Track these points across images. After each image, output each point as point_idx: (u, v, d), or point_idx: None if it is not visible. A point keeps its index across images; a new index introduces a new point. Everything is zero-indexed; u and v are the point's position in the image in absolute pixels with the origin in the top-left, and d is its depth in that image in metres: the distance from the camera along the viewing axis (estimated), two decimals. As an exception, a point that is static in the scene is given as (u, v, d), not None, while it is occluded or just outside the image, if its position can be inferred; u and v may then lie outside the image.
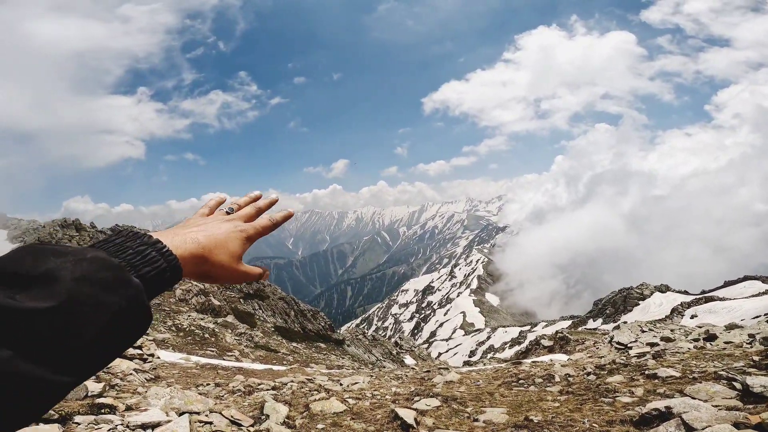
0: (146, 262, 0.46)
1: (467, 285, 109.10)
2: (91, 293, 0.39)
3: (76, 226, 24.71)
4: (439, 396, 4.92)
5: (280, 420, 3.92)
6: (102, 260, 0.42)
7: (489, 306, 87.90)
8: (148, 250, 0.47)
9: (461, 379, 6.37)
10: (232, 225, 0.61)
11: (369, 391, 5.60)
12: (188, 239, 0.54)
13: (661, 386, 4.23)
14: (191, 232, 0.56)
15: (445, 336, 68.26)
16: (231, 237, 0.59)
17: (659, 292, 38.14)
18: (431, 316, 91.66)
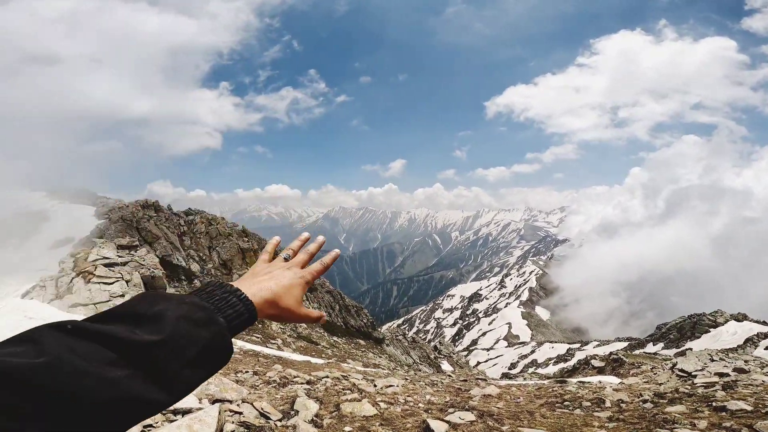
0: (229, 305, 0.60)
1: (517, 296, 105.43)
2: (188, 329, 0.52)
3: (155, 207, 26.45)
4: (474, 410, 4.61)
5: (309, 418, 3.87)
6: (196, 304, 0.57)
7: (538, 319, 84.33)
8: (230, 297, 0.61)
9: (500, 394, 5.98)
10: (293, 273, 0.75)
11: (402, 396, 5.37)
12: (263, 287, 0.68)
13: (728, 420, 3.74)
14: (264, 280, 0.70)
15: (487, 345, 66.33)
16: (294, 284, 0.72)
17: (735, 320, 34.55)
18: (475, 323, 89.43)
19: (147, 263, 19.01)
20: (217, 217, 29.46)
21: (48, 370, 0.41)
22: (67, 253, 19.46)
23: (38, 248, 22.33)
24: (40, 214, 26.51)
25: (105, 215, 24.23)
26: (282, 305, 0.69)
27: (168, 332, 0.50)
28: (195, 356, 0.51)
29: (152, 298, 0.55)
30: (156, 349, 0.48)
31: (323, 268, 0.81)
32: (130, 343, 0.46)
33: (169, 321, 0.51)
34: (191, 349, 0.51)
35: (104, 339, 0.46)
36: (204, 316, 0.55)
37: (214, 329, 0.55)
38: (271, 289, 0.68)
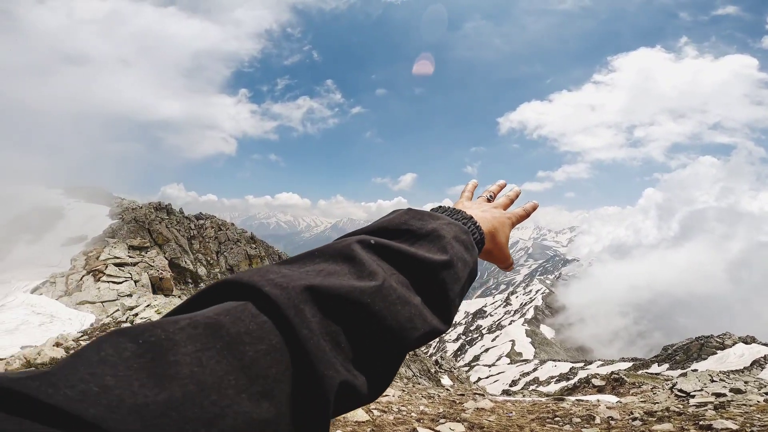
0: (471, 231, 0.57)
1: (522, 314, 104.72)
2: (461, 252, 0.48)
3: (168, 209, 27.01)
4: (465, 422, 4.77)
5: None
6: (460, 227, 0.54)
7: (542, 338, 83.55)
8: (469, 223, 0.59)
9: (494, 408, 6.14)
10: (501, 212, 0.72)
11: (396, 406, 5.49)
12: (485, 218, 0.65)
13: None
14: (481, 212, 0.67)
15: (489, 362, 65.75)
16: (505, 222, 0.69)
17: (743, 343, 34.17)
18: (478, 339, 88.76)
19: (156, 265, 19.47)
20: (226, 223, 29.98)
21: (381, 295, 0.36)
22: (80, 251, 20.02)
23: (52, 245, 22.89)
24: (56, 211, 27.14)
25: (118, 215, 24.80)
26: (497, 240, 0.66)
27: (451, 253, 0.46)
28: (465, 281, 0.48)
29: (420, 213, 0.52)
30: (444, 271, 0.44)
31: (525, 214, 0.78)
32: (426, 264, 0.43)
33: (448, 240, 0.48)
34: (464, 273, 0.48)
35: (403, 258, 0.42)
36: (468, 239, 0.53)
37: (475, 255, 0.53)
38: (491, 222, 0.65)
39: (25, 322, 10.78)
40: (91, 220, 24.90)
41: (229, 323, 0.28)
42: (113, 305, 13.58)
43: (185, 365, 0.24)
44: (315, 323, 0.31)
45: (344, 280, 0.36)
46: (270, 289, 0.31)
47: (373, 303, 0.35)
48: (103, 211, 26.65)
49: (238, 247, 27.79)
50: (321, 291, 0.33)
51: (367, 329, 0.35)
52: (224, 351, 0.26)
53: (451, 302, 0.45)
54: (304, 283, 0.33)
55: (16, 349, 7.41)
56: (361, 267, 0.38)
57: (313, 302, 0.32)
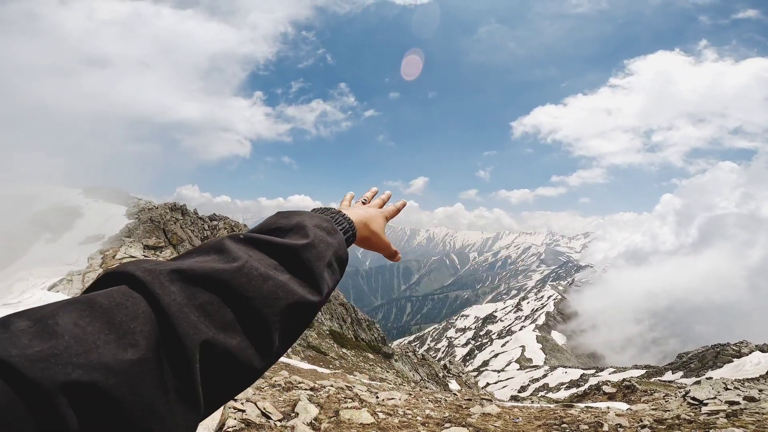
0: (338, 222, 0.69)
1: (533, 320, 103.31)
2: (323, 236, 0.59)
3: (182, 210, 27.42)
4: (471, 426, 4.78)
5: (308, 420, 3.99)
6: (322, 217, 0.66)
7: (553, 344, 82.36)
8: (337, 216, 0.70)
9: (500, 414, 6.05)
10: (375, 209, 0.85)
11: (402, 409, 5.49)
12: (356, 213, 0.78)
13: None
14: (355, 209, 0.81)
15: (498, 367, 65.03)
16: (378, 214, 0.84)
17: (760, 351, 33.39)
18: (487, 345, 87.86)
19: (170, 264, 19.84)
20: (239, 224, 30.32)
21: (241, 273, 0.44)
22: (97, 249, 20.51)
23: (69, 243, 23.40)
24: (74, 210, 27.74)
25: (135, 215, 25.24)
26: (372, 228, 0.79)
27: (311, 237, 0.56)
28: (330, 260, 0.57)
29: (287, 213, 0.63)
30: (306, 252, 0.53)
31: (396, 210, 0.93)
32: (288, 247, 0.52)
33: (309, 228, 0.58)
34: (328, 252, 0.57)
35: (269, 246, 0.52)
36: (330, 226, 0.63)
37: (339, 238, 0.63)
38: (362, 215, 0.78)
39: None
40: (109, 220, 25.38)
41: (103, 299, 0.35)
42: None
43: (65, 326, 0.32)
44: (178, 295, 0.38)
45: (210, 264, 0.44)
46: (140, 273, 0.38)
47: (233, 279, 0.43)
48: (120, 211, 27.14)
49: (250, 249, 28.03)
50: (185, 272, 0.41)
51: (231, 301, 0.42)
52: (97, 316, 0.33)
53: (318, 276, 0.53)
54: (171, 267, 0.41)
55: None
56: (228, 254, 0.47)
57: (179, 281, 0.40)
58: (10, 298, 14.23)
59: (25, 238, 23.85)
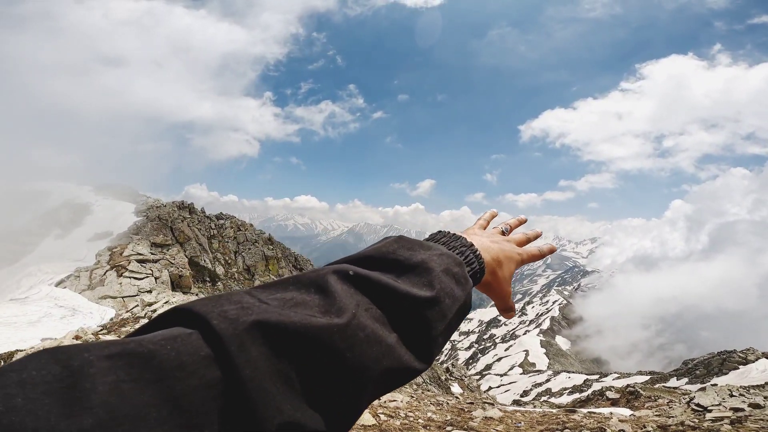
0: (468, 262, 0.53)
1: (537, 324, 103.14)
2: (451, 287, 0.44)
3: (190, 209, 27.78)
4: (473, 430, 4.78)
5: None
6: (454, 257, 0.49)
7: (557, 349, 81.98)
8: (467, 251, 0.54)
9: (502, 418, 6.11)
10: (513, 246, 0.66)
11: (404, 411, 5.46)
12: (490, 248, 0.60)
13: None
14: (490, 242, 0.62)
15: (501, 371, 64.79)
16: (513, 258, 0.64)
17: (767, 358, 33.23)
18: (491, 348, 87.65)
19: (177, 262, 20.08)
20: (245, 223, 30.60)
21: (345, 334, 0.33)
22: (105, 246, 20.78)
23: (79, 240, 23.74)
24: (84, 208, 28.16)
25: (143, 213, 25.56)
26: (499, 275, 0.61)
27: (436, 288, 0.43)
28: (452, 319, 0.44)
29: (409, 243, 0.48)
30: (428, 309, 0.41)
31: (539, 255, 0.71)
32: (408, 300, 0.40)
33: (436, 273, 0.44)
34: (453, 308, 0.44)
35: (384, 293, 0.39)
36: (461, 272, 0.48)
37: (467, 288, 0.48)
38: (497, 253, 0.60)
39: (47, 315, 11.25)
40: (118, 217, 25.72)
41: (164, 354, 0.27)
42: (133, 300, 14.12)
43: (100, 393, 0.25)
44: (261, 359, 0.29)
45: (306, 315, 0.33)
46: (218, 323, 0.29)
47: (334, 342, 0.33)
48: (129, 209, 27.51)
49: (256, 248, 28.31)
50: (273, 326, 0.31)
51: (324, 368, 0.32)
52: (150, 382, 0.26)
53: (432, 341, 0.41)
54: (257, 317, 0.31)
55: (36, 342, 7.75)
56: (332, 300, 0.36)
57: (262, 338, 0.30)
58: (18, 293, 14.47)
59: (35, 233, 24.24)
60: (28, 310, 11.33)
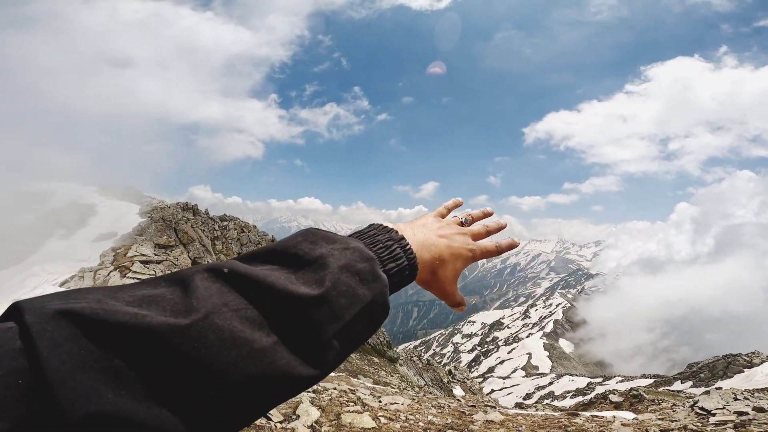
0: (392, 257, 0.48)
1: (540, 327, 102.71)
2: (348, 285, 0.41)
3: (194, 210, 27.78)
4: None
5: (308, 423, 4.01)
6: (362, 251, 0.45)
7: (560, 352, 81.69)
8: (394, 246, 0.49)
9: (503, 421, 6.07)
10: (465, 240, 0.60)
11: (404, 414, 5.49)
12: (430, 243, 0.55)
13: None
14: (434, 235, 0.57)
15: (503, 374, 64.74)
16: (462, 254, 0.58)
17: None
18: (494, 351, 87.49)
19: (180, 264, 20.13)
20: (249, 225, 30.61)
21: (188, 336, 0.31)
22: (109, 247, 20.87)
23: (83, 240, 23.85)
24: (89, 208, 28.27)
25: (147, 214, 25.61)
26: (440, 273, 0.56)
27: (327, 286, 0.40)
28: (350, 320, 0.40)
29: (314, 236, 0.45)
30: (313, 309, 0.38)
31: (495, 251, 0.65)
32: (286, 298, 0.37)
33: (331, 269, 0.41)
34: (351, 309, 0.40)
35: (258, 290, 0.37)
36: (368, 268, 0.44)
37: (377, 287, 0.44)
38: (438, 249, 0.55)
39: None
40: (122, 218, 25.79)
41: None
42: (137, 301, 14.13)
43: None
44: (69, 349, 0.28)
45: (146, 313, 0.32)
46: (29, 315, 0.29)
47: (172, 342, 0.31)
48: (133, 210, 27.59)
49: (259, 249, 28.33)
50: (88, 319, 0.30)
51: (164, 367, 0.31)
52: None
53: (323, 344, 0.38)
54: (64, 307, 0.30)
55: None
56: (188, 299, 0.34)
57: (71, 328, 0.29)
58: (22, 293, 14.55)
59: (39, 233, 24.37)
60: (31, 310, 11.36)
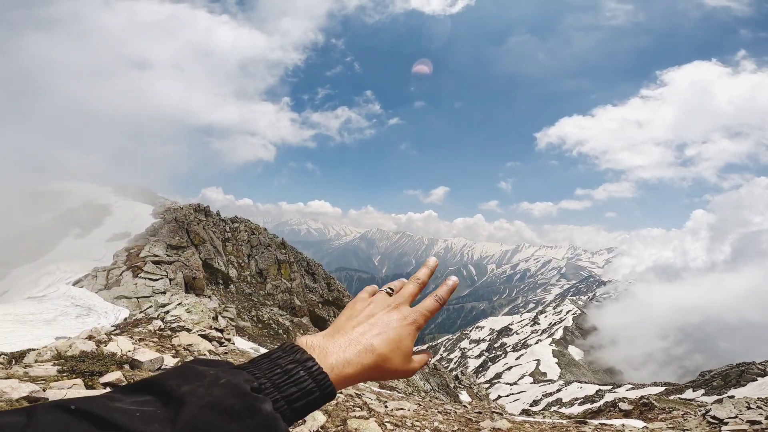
0: (293, 381, 0.45)
1: (550, 334, 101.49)
2: (212, 422, 0.40)
3: (205, 211, 28.26)
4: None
5: (315, 428, 4.03)
6: (234, 386, 0.42)
7: (569, 359, 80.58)
8: (296, 369, 0.45)
9: (511, 429, 6.03)
10: (400, 315, 0.53)
11: (410, 420, 5.52)
12: (359, 350, 0.48)
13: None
14: (363, 335, 0.49)
15: (511, 380, 63.95)
16: (403, 334, 0.51)
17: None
18: (501, 357, 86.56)
19: (191, 264, 20.40)
20: (259, 227, 30.96)
21: None
22: (123, 247, 21.23)
23: (97, 240, 24.30)
24: (104, 208, 28.86)
25: (160, 215, 26.06)
26: (388, 367, 0.49)
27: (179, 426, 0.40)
28: None
29: (185, 373, 0.43)
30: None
31: (439, 304, 0.57)
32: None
33: (190, 409, 0.41)
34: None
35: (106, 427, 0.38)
36: (239, 404, 0.42)
37: (253, 422, 0.42)
38: (374, 350, 0.48)
39: (63, 313, 11.49)
40: (136, 219, 26.28)
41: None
42: (147, 301, 14.38)
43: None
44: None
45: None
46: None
47: None
48: (147, 210, 28.13)
49: (269, 252, 28.58)
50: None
51: None
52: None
53: None
54: None
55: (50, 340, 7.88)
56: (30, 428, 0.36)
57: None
58: (36, 291, 14.85)
59: (55, 232, 24.88)
60: (44, 308, 11.60)
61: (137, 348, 4.81)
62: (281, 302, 24.71)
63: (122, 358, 4.35)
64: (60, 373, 3.43)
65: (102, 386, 3.21)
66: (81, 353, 4.20)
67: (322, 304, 29.65)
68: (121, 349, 4.57)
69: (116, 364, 4.09)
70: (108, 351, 4.45)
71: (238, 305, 20.00)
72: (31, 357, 4.07)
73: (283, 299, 25.07)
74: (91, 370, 3.51)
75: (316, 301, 29.45)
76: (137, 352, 4.53)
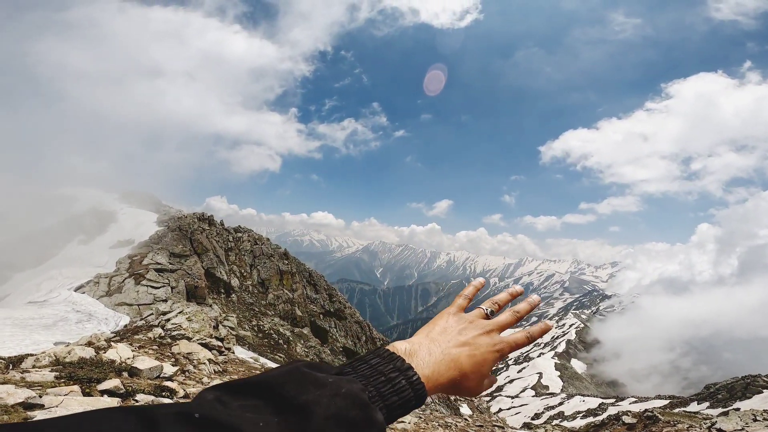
0: (395, 391, 0.46)
1: (553, 347, 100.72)
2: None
3: (209, 221, 28.38)
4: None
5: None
6: (354, 396, 0.43)
7: (572, 372, 79.79)
8: (398, 378, 0.46)
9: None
10: (490, 341, 0.53)
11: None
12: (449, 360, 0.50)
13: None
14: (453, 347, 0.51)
15: (512, 393, 63.34)
16: (488, 359, 0.52)
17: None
18: (503, 370, 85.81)
19: (193, 273, 20.43)
20: (262, 237, 31.01)
21: None
22: (126, 254, 21.30)
23: (101, 246, 24.38)
24: (110, 215, 29.01)
25: (164, 223, 26.18)
26: (465, 385, 0.50)
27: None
28: None
29: (303, 379, 0.42)
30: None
31: (528, 341, 0.56)
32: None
33: (316, 420, 0.40)
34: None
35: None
36: (361, 416, 0.42)
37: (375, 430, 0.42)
38: (460, 367, 0.50)
39: (63, 319, 11.51)
40: (140, 226, 26.40)
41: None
42: (148, 309, 14.39)
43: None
44: None
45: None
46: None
47: None
48: (151, 218, 28.27)
49: (271, 262, 28.60)
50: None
51: None
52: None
53: None
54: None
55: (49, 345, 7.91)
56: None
57: None
58: (37, 296, 14.89)
59: (60, 237, 25.00)
60: (44, 313, 11.63)
61: (137, 355, 4.84)
62: (282, 312, 24.65)
63: (121, 365, 4.37)
64: (57, 379, 3.45)
65: (99, 393, 3.23)
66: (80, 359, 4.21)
67: (323, 315, 29.55)
68: (120, 356, 4.59)
69: (115, 371, 4.11)
70: (107, 358, 4.47)
71: (239, 314, 19.97)
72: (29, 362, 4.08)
73: (284, 309, 25.01)
74: (89, 377, 3.52)
75: (317, 311, 29.35)
76: (137, 360, 4.55)
